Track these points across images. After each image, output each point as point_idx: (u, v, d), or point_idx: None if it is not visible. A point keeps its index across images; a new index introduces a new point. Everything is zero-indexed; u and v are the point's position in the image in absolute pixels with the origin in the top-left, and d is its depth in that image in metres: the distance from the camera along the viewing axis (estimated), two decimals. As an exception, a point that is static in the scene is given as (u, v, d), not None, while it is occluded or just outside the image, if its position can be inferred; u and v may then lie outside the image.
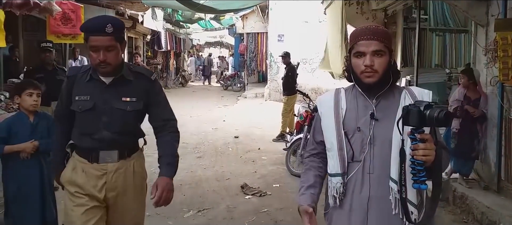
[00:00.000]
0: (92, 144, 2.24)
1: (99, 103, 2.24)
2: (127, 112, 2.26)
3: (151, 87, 2.35)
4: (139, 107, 2.29)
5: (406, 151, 1.56)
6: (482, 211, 4.14)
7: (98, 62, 2.14)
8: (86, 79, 2.27)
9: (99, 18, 2.23)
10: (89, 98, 2.24)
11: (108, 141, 2.24)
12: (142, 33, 15.15)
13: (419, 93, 1.72)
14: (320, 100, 1.89)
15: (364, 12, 7.12)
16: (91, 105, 2.23)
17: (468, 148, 4.71)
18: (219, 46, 30.25)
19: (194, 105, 13.52)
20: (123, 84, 2.27)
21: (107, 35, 2.12)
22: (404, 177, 1.56)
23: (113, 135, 2.24)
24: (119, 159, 2.27)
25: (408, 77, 6.20)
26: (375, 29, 1.71)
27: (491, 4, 4.57)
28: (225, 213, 4.51)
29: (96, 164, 2.25)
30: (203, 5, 8.76)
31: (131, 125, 2.32)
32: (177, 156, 2.34)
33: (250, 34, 17.91)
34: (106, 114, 2.24)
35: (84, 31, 2.19)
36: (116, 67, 2.22)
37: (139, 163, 2.40)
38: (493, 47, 4.45)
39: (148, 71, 2.44)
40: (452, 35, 6.47)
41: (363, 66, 1.67)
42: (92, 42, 2.13)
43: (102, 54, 2.13)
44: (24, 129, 3.15)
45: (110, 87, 2.25)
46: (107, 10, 8.68)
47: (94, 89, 2.25)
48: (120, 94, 2.26)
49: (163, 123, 2.37)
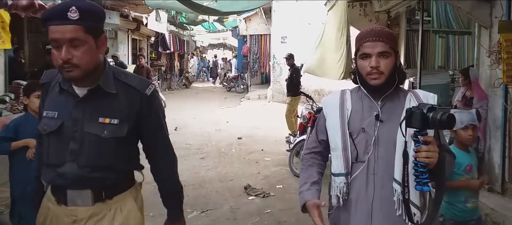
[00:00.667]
0: (57, 180, 1.67)
1: (68, 124, 1.65)
2: (103, 139, 1.64)
3: (144, 107, 1.70)
4: (121, 134, 1.66)
5: (409, 153, 1.57)
6: (486, 213, 4.13)
7: (60, 63, 1.55)
8: (57, 88, 1.71)
9: (64, 1, 1.61)
10: (56, 116, 1.67)
11: (75, 177, 1.64)
12: (146, 35, 15.22)
13: (424, 96, 1.73)
14: (325, 101, 1.90)
15: (367, 14, 7.13)
16: (56, 126, 1.65)
17: None
18: (222, 48, 30.33)
19: (198, 107, 13.55)
20: (103, 98, 1.66)
21: (71, 23, 1.52)
22: (407, 178, 1.57)
23: (82, 169, 1.64)
24: (94, 202, 1.67)
25: (411, 79, 6.21)
26: (381, 30, 1.73)
27: (495, 5, 4.57)
28: (228, 214, 4.53)
29: (65, 207, 1.68)
30: (207, 7, 8.79)
31: (109, 156, 1.67)
32: (180, 187, 1.91)
33: (254, 36, 17.95)
34: (75, 139, 1.64)
35: (43, 20, 1.59)
36: (89, 71, 1.60)
37: (128, 208, 1.75)
38: (497, 49, 4.44)
39: (143, 83, 1.73)
40: (455, 37, 6.47)
41: (369, 67, 1.68)
42: (52, 34, 1.54)
43: (64, 51, 1.53)
44: (31, 130, 3.17)
45: (84, 102, 1.65)
46: (111, 12, 8.74)
47: (64, 103, 1.67)
48: (96, 112, 1.65)
49: (159, 156, 1.84)
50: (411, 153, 1.55)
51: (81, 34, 1.54)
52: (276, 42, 14.69)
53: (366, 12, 7.12)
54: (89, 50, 1.58)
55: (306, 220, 4.59)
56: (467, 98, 4.71)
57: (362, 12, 7.11)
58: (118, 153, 1.69)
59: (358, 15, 7.08)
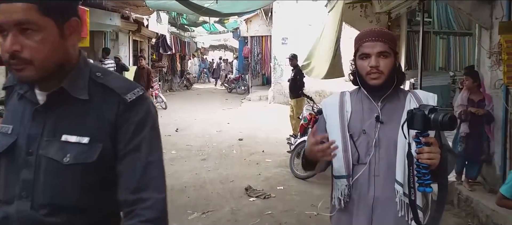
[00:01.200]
0: (6, 219, 1.16)
1: (21, 143, 1.17)
2: (64, 166, 1.13)
3: (120, 118, 1.17)
4: (90, 159, 1.14)
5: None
6: (487, 214, 4.13)
7: (7, 58, 1.10)
8: (16, 93, 1.26)
9: None
10: (10, 131, 1.20)
11: (26, 223, 1.14)
12: (147, 37, 15.25)
13: (424, 96, 1.74)
14: (325, 103, 1.90)
15: (367, 15, 7.13)
16: (6, 145, 1.18)
17: (476, 151, 4.67)
18: (223, 49, 30.38)
19: (199, 108, 13.56)
20: (69, 107, 1.18)
21: (18, 0, 1.06)
22: (413, 180, 1.57)
23: (37, 211, 1.13)
24: None
25: (412, 80, 6.21)
26: (380, 31, 1.74)
27: (495, 6, 4.57)
28: (229, 216, 4.53)
29: None
30: (208, 8, 8.80)
31: (74, 192, 1.15)
32: None
33: (254, 37, 17.96)
34: (28, 165, 1.15)
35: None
36: (49, 71, 1.13)
37: None
38: (498, 50, 4.45)
39: (126, 85, 1.22)
40: (456, 38, 6.47)
41: (369, 67, 1.68)
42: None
43: (11, 38, 1.07)
44: None
45: (46, 113, 1.18)
46: (113, 14, 8.76)
47: (21, 114, 1.21)
48: (59, 127, 1.16)
49: (133, 199, 1.14)
50: (413, 155, 1.55)
51: (34, 16, 1.07)
52: (277, 43, 14.70)
53: (367, 13, 7.12)
54: (48, 39, 1.10)
55: (307, 221, 4.61)
56: (474, 101, 4.68)
57: (363, 13, 7.11)
58: (87, 187, 1.15)
59: (359, 16, 7.09)
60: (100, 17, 8.11)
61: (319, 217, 4.42)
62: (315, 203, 4.82)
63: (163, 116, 11.67)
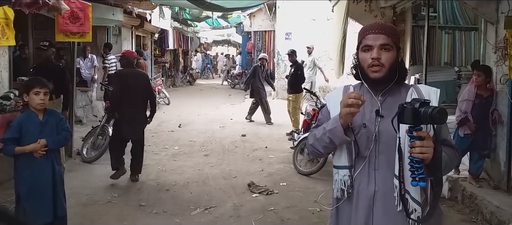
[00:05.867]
0: None
1: None
2: None
3: None
4: None
5: (406, 149, 1.58)
6: (492, 211, 4.10)
7: None
8: None
9: None
10: None
11: None
12: (150, 32, 15.21)
13: (426, 91, 1.73)
14: (329, 97, 1.93)
15: (372, 10, 7.06)
16: None
17: (481, 146, 4.64)
18: (226, 45, 30.32)
19: (202, 104, 13.55)
20: None
21: None
22: (402, 173, 1.59)
23: None
24: None
25: (417, 75, 6.15)
26: (383, 24, 1.76)
27: (501, 1, 4.51)
28: (232, 211, 4.52)
29: None
30: (211, 3, 8.77)
31: None
32: None
33: (258, 32, 17.90)
34: None
35: None
36: None
37: None
38: (503, 44, 4.40)
39: None
40: (462, 33, 6.42)
41: (370, 59, 1.69)
42: None
43: None
44: (34, 128, 3.18)
45: None
46: (115, 9, 8.73)
47: None
48: None
49: None
50: (407, 149, 1.56)
51: None
52: (281, 38, 14.63)
53: (372, 8, 7.05)
54: None
55: (310, 217, 4.59)
56: (483, 97, 4.62)
57: (367, 8, 7.04)
58: None
59: (363, 10, 7.02)
60: (103, 12, 8.07)
61: (322, 213, 4.40)
62: (318, 200, 4.80)
63: (166, 111, 11.67)
